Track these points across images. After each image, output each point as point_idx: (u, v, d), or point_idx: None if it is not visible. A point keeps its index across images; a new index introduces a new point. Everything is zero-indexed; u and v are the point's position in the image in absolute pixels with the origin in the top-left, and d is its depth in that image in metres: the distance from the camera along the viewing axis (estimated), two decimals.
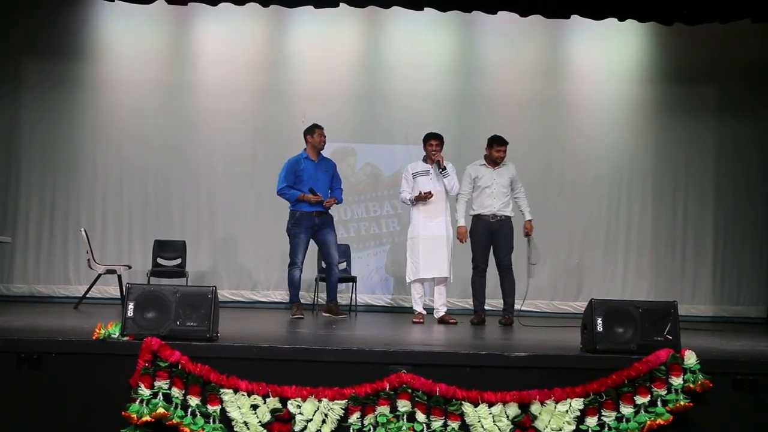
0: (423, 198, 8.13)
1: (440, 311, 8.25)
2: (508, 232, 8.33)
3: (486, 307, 8.40)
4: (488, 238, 8.33)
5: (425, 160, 8.35)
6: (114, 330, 4.88)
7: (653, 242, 11.10)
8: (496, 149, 8.36)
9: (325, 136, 8.45)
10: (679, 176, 11.16)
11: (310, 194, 8.19)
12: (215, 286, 5.10)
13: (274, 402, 4.62)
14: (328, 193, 8.45)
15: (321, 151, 8.50)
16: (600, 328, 5.04)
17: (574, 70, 11.24)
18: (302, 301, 8.53)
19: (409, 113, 10.85)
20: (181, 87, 10.96)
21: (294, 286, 8.31)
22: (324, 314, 8.28)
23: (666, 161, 11.16)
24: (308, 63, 10.98)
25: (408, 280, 8.38)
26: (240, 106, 10.93)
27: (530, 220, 8.41)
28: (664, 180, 11.15)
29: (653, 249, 11.10)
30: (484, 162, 8.45)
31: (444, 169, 8.19)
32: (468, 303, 10.24)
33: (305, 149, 8.45)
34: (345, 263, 10.10)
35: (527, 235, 8.41)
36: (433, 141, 8.26)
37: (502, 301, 8.44)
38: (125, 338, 4.82)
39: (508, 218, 8.37)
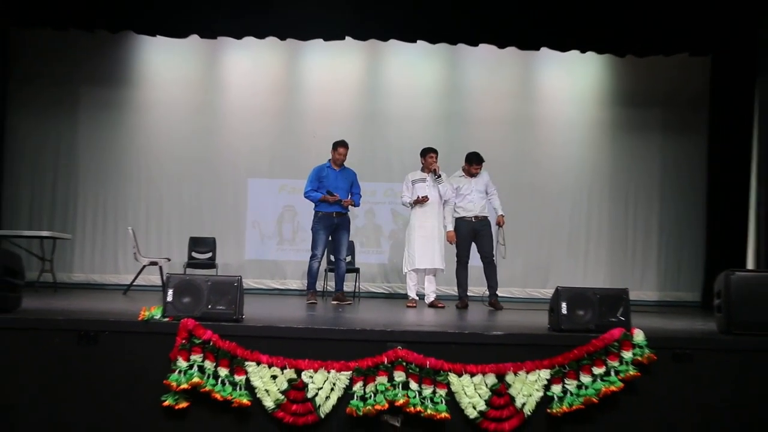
0: (421, 201, 8.15)
1: (430, 297, 8.26)
2: (488, 229, 8.34)
3: (468, 294, 8.41)
4: (471, 236, 8.32)
5: (422, 170, 8.35)
6: (156, 312, 4.89)
7: (609, 239, 11.15)
8: (474, 167, 8.34)
9: (343, 154, 8.37)
10: (630, 184, 11.22)
11: (328, 195, 8.20)
12: (240, 276, 5.09)
13: (290, 373, 4.62)
14: (347, 197, 8.39)
15: (343, 164, 8.47)
16: (564, 311, 5.03)
17: (544, 93, 11.28)
18: (317, 289, 8.53)
19: (404, 130, 10.89)
20: (210, 108, 11.02)
21: (312, 275, 8.30)
22: (333, 302, 8.28)
23: (619, 172, 11.20)
24: (318, 87, 11.04)
25: (404, 270, 8.39)
26: (260, 124, 10.98)
27: (502, 215, 8.36)
28: (617, 188, 11.20)
29: (609, 245, 11.15)
30: (462, 174, 8.44)
31: (440, 176, 8.20)
32: (454, 290, 10.31)
33: (329, 159, 8.44)
34: (350, 257, 10.11)
35: (499, 225, 8.37)
36: (432, 154, 8.26)
37: (484, 289, 8.44)
38: (166, 319, 4.82)
39: (487, 218, 8.37)
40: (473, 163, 8.34)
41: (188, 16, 9.11)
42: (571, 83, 11.23)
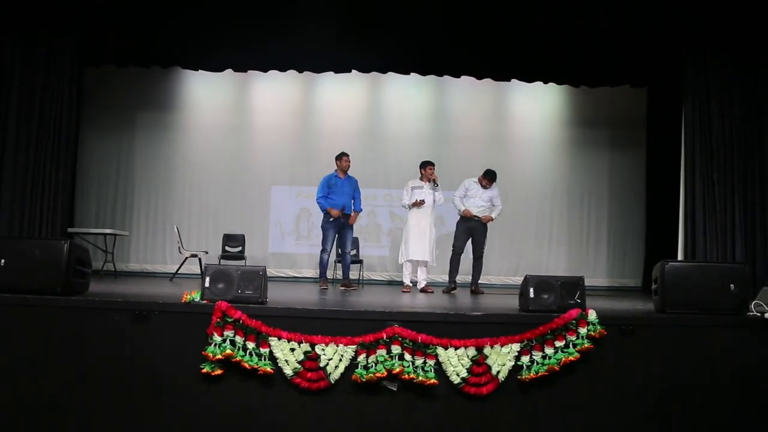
0: (418, 204, 8.13)
1: (422, 284, 8.22)
2: (483, 232, 8.24)
3: (457, 281, 8.37)
4: (468, 234, 8.25)
5: (421, 178, 8.30)
6: (196, 296, 4.87)
7: (567, 235, 11.12)
8: (486, 181, 8.23)
9: (348, 162, 8.32)
10: (585, 190, 11.19)
11: (332, 211, 8.15)
12: (265, 266, 5.07)
13: (306, 346, 4.61)
14: (351, 201, 8.34)
15: (347, 171, 8.40)
16: (532, 294, 5.03)
17: (514, 116, 11.25)
18: (327, 277, 8.50)
19: (399, 145, 10.85)
20: (241, 128, 10.99)
21: (323, 266, 8.24)
22: (341, 288, 8.23)
23: (575, 179, 11.17)
24: (329, 111, 10.99)
25: (400, 261, 8.37)
26: (281, 141, 10.94)
27: (490, 217, 8.26)
28: (574, 192, 11.17)
29: (568, 240, 11.12)
30: (477, 181, 8.35)
31: (437, 185, 8.20)
32: (442, 279, 10.28)
33: (335, 170, 8.40)
34: (355, 251, 10.09)
35: (481, 220, 8.24)
36: (431, 167, 8.23)
37: (470, 279, 8.41)
38: (204, 302, 4.80)
39: (484, 223, 8.26)
40: (488, 178, 8.25)
41: (224, 54, 9.13)
42: (536, 108, 11.20)
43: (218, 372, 4.55)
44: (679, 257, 8.20)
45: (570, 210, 11.15)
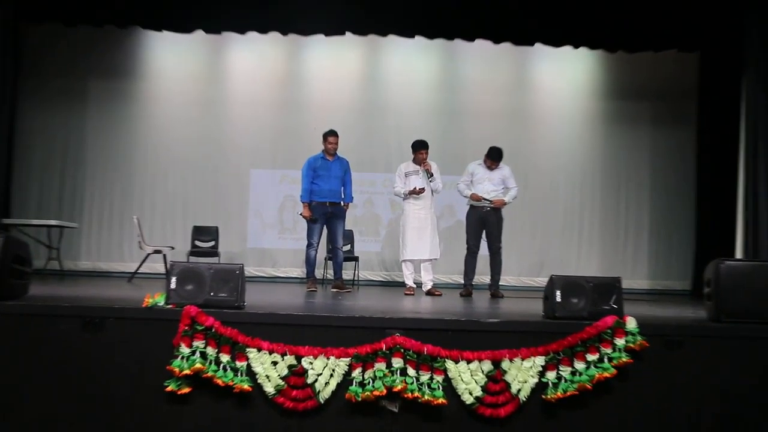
0: (416, 193, 8.09)
1: (427, 285, 8.21)
2: (497, 220, 8.24)
3: (473, 283, 8.36)
4: (480, 225, 8.25)
5: (415, 161, 8.29)
6: (160, 299, 4.85)
7: (601, 228, 11.13)
8: (492, 162, 8.23)
9: (334, 144, 8.25)
10: (621, 175, 11.20)
11: (305, 211, 8.14)
12: (242, 264, 5.05)
13: (290, 359, 4.59)
14: (341, 186, 8.33)
15: (335, 153, 8.35)
16: (558, 298, 5.00)
17: (537, 87, 11.26)
18: (316, 276, 8.49)
19: (401, 122, 10.86)
20: (214, 100, 10.99)
21: (310, 264, 8.25)
22: (333, 289, 8.22)
23: (611, 163, 11.18)
24: (319, 81, 11.00)
25: (401, 260, 8.36)
26: (262, 116, 10.95)
27: (503, 201, 8.24)
28: (609, 178, 11.17)
29: (601, 234, 11.13)
30: (482, 162, 8.36)
31: (431, 175, 8.14)
32: (452, 279, 10.31)
33: (322, 150, 8.36)
34: (349, 246, 10.08)
35: (492, 202, 8.22)
36: (422, 151, 8.17)
37: (488, 279, 8.42)
38: (169, 306, 4.78)
39: (497, 209, 8.27)
40: (492, 158, 8.23)
41: (193, 12, 9.10)
42: (564, 78, 11.19)
43: (186, 390, 4.52)
44: (738, 255, 8.19)
45: (604, 199, 11.15)
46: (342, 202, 8.35)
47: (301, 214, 8.28)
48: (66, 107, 10.78)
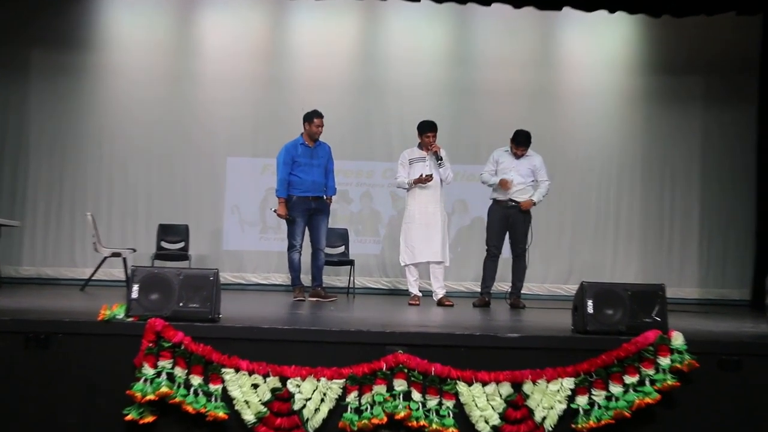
0: (424, 181, 8.07)
1: (438, 294, 8.21)
2: (524, 219, 8.26)
3: (492, 291, 8.38)
4: (504, 223, 8.27)
5: (421, 147, 8.29)
6: (119, 311, 4.85)
7: (641, 227, 11.13)
8: (520, 148, 8.24)
9: (322, 126, 8.28)
10: (666, 164, 11.17)
11: (281, 208, 8.16)
12: (217, 269, 5.06)
13: (274, 381, 4.59)
14: (324, 177, 8.34)
15: (318, 138, 8.36)
16: (590, 309, 5.02)
17: (565, 60, 11.25)
18: (303, 284, 8.49)
19: (405, 102, 10.83)
20: (184, 76, 10.96)
21: (294, 269, 8.26)
22: (311, 299, 8.21)
23: (654, 149, 11.16)
24: (308, 53, 10.97)
25: (402, 263, 8.36)
26: (242, 94, 10.92)
27: (531, 200, 8.27)
28: (651, 168, 11.16)
29: (641, 234, 11.12)
30: (509, 149, 8.36)
31: (441, 159, 8.13)
32: (464, 286, 10.31)
33: (302, 134, 8.35)
34: (343, 247, 10.09)
35: (521, 207, 8.25)
36: (429, 133, 8.16)
37: (507, 286, 8.44)
38: (130, 319, 4.78)
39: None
40: (518, 143, 8.24)
41: None
42: (597, 49, 11.18)
43: (149, 419, 4.52)
44: None
45: (645, 193, 11.15)
46: (325, 196, 8.37)
47: (275, 212, 8.29)
48: (4, 83, 10.76)
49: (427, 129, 8.21)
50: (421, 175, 8.09)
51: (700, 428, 4.76)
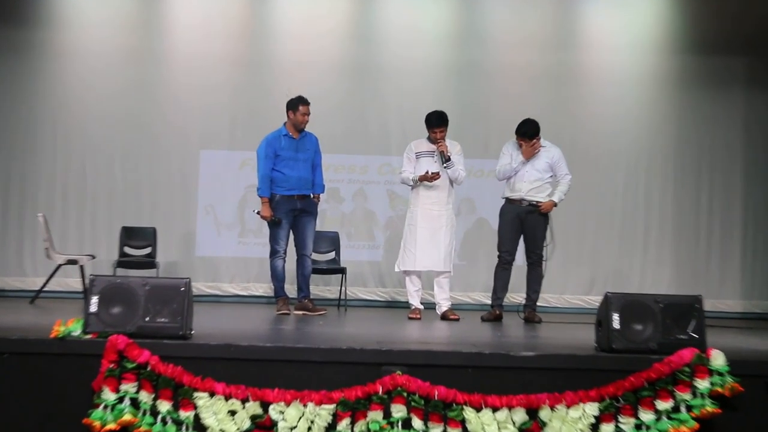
0: (429, 178, 8.06)
1: (442, 306, 8.23)
2: (541, 221, 8.25)
3: (504, 303, 8.38)
4: (517, 226, 8.27)
5: (430, 139, 8.28)
6: (75, 327, 4.85)
7: (675, 230, 11.13)
8: (526, 141, 8.21)
9: (308, 115, 8.29)
10: (704, 157, 11.19)
11: (265, 209, 8.17)
12: (189, 278, 5.06)
13: (254, 407, 4.59)
14: (311, 173, 8.37)
15: (304, 129, 8.36)
16: (616, 324, 5.02)
17: (588, 40, 11.25)
18: (288, 295, 8.49)
19: (404, 88, 10.86)
20: (150, 58, 10.93)
21: (278, 278, 8.27)
22: (297, 312, 8.21)
23: (689, 140, 11.17)
24: (293, 31, 10.96)
25: (397, 269, 8.38)
26: (217, 79, 10.89)
27: (552, 201, 8.27)
28: (686, 161, 11.17)
29: (675, 237, 11.12)
30: (520, 143, 8.36)
31: (448, 159, 8.11)
32: (471, 297, 10.31)
33: (285, 124, 8.35)
34: (333, 253, 10.08)
35: (540, 210, 8.23)
36: (437, 129, 8.14)
37: (521, 297, 8.46)
38: (88, 336, 4.78)
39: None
40: (523, 135, 8.23)
41: None
42: (624, 26, 11.20)
43: None
44: None
45: (679, 190, 11.17)
46: (312, 194, 8.37)
47: (258, 213, 8.28)
48: None
49: (435, 123, 8.19)
50: (427, 172, 8.08)
51: None
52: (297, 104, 8.25)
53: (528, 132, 8.21)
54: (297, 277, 8.40)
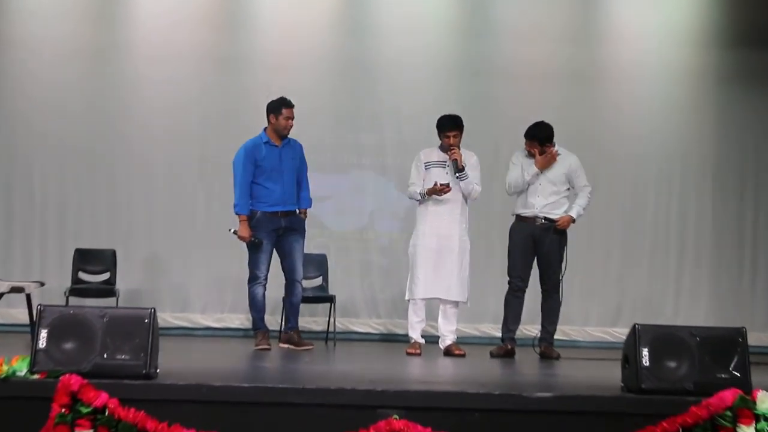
0: (439, 191, 8.06)
1: (446, 340, 8.26)
2: (557, 241, 8.29)
3: (517, 336, 8.42)
4: (530, 247, 8.31)
5: (443, 148, 8.31)
6: (20, 366, 4.84)
7: (714, 251, 11.16)
8: (536, 146, 8.26)
9: (292, 119, 8.31)
10: (749, 165, 11.26)
11: (243, 229, 8.19)
12: (154, 308, 5.05)
13: None
14: (296, 186, 8.41)
15: (287, 135, 8.39)
16: (646, 361, 5.03)
17: (611, 31, 11.35)
18: (269, 327, 8.50)
19: (403, 87, 10.91)
20: (108, 52, 10.95)
21: (257, 308, 8.28)
22: (282, 345, 8.23)
23: (731, 146, 11.23)
24: (275, 23, 11.02)
25: (407, 299, 8.38)
26: (186, 77, 10.92)
27: (570, 216, 8.31)
28: (728, 170, 11.22)
29: (714, 260, 11.15)
30: (528, 152, 8.39)
31: (462, 170, 8.13)
32: (479, 330, 10.31)
33: (265, 130, 8.38)
34: (320, 278, 10.07)
35: (557, 227, 8.27)
36: (450, 132, 8.19)
37: (536, 329, 8.49)
38: (35, 376, 4.77)
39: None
40: (534, 140, 8.27)
41: None
42: (656, 16, 11.26)
43: None
44: None
45: (719, 205, 11.21)
46: (297, 210, 8.40)
47: (234, 233, 8.29)
48: None
49: (446, 127, 8.24)
50: (435, 185, 8.09)
51: None
52: (279, 107, 8.26)
53: (539, 135, 8.24)
54: (284, 305, 8.43)
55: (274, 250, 8.38)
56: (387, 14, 11.09)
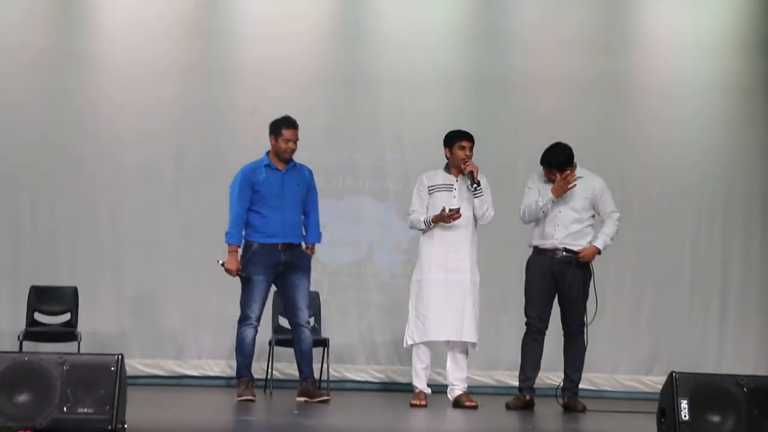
0: (446, 218, 8.05)
1: (455, 389, 8.22)
2: (580, 277, 8.28)
3: (536, 385, 8.42)
4: (549, 283, 8.31)
5: (448, 169, 8.35)
6: None
7: (764, 290, 11.14)
8: (552, 171, 8.26)
9: (295, 141, 8.32)
10: None
11: (231, 261, 8.20)
12: (121, 354, 5.05)
13: None
14: (301, 216, 8.43)
15: (291, 158, 8.40)
16: (686, 415, 5.02)
17: (644, 40, 11.40)
18: (254, 375, 8.48)
19: (406, 101, 10.96)
20: (69, 62, 10.97)
21: (244, 353, 8.28)
22: (299, 399, 8.20)
23: None
24: (260, 31, 11.08)
25: (406, 344, 8.36)
26: (159, 90, 10.94)
27: (595, 247, 8.28)
28: None
29: (764, 300, 11.15)
30: (545, 177, 8.41)
31: (478, 183, 8.15)
32: (493, 377, 10.29)
33: (268, 153, 8.39)
34: (312, 319, 10.05)
35: (579, 259, 8.24)
36: (464, 142, 8.24)
37: (558, 378, 8.47)
38: None
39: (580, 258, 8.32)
40: (551, 165, 8.28)
41: None
42: (694, 23, 11.30)
43: None
44: None
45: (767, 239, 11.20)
46: (304, 244, 8.37)
47: (222, 265, 8.28)
48: None
49: (460, 136, 8.30)
50: (443, 210, 8.08)
51: None
52: (279, 127, 8.29)
53: (555, 161, 8.23)
54: (296, 354, 8.45)
55: (277, 288, 8.39)
56: (388, 24, 11.14)
